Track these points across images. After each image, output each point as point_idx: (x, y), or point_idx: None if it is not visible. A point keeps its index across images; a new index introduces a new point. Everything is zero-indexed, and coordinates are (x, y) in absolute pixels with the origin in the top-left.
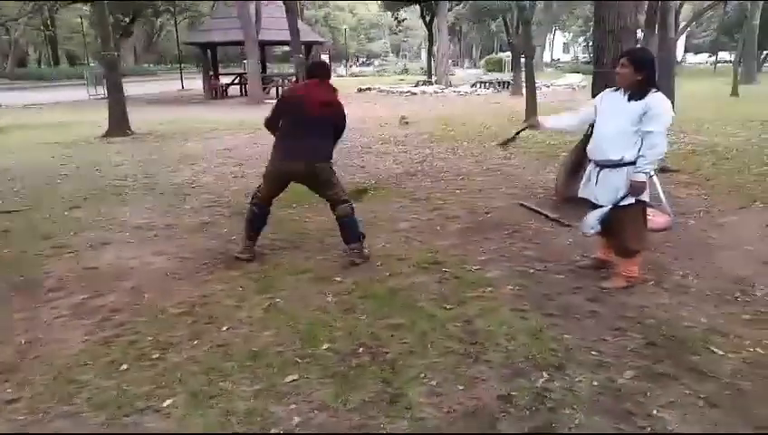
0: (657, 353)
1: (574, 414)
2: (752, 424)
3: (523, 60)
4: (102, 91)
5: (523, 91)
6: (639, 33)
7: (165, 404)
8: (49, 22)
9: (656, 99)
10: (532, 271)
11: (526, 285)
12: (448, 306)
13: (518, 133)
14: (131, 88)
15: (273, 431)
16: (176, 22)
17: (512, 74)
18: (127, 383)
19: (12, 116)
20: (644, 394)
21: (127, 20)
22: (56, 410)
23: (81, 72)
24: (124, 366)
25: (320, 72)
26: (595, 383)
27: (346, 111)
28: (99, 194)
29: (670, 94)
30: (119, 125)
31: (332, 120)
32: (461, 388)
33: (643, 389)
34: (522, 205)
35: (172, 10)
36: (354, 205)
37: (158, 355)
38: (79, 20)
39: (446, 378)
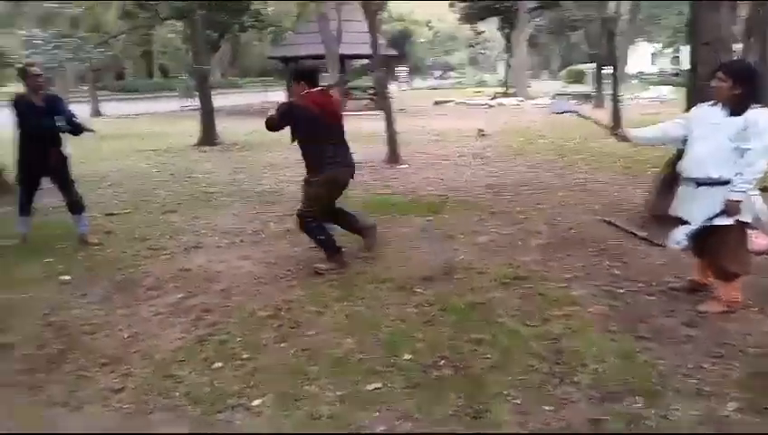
0: (763, 385)
1: None
2: None
3: (606, 72)
4: (193, 102)
5: (606, 104)
6: (738, 45)
7: (254, 403)
8: (145, 38)
9: (757, 114)
10: (621, 291)
11: (615, 305)
12: (532, 323)
13: (605, 127)
14: (218, 100)
15: None
16: (261, 37)
17: (594, 87)
18: (219, 381)
19: (111, 126)
20: (749, 427)
21: (216, 35)
22: (156, 402)
23: (173, 84)
24: (217, 364)
25: (316, 79)
26: (693, 413)
27: (423, 124)
28: (191, 200)
29: None
30: (208, 135)
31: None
32: (548, 408)
33: (749, 423)
34: (608, 222)
35: (258, 26)
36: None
37: (247, 356)
38: (173, 36)
39: (532, 397)
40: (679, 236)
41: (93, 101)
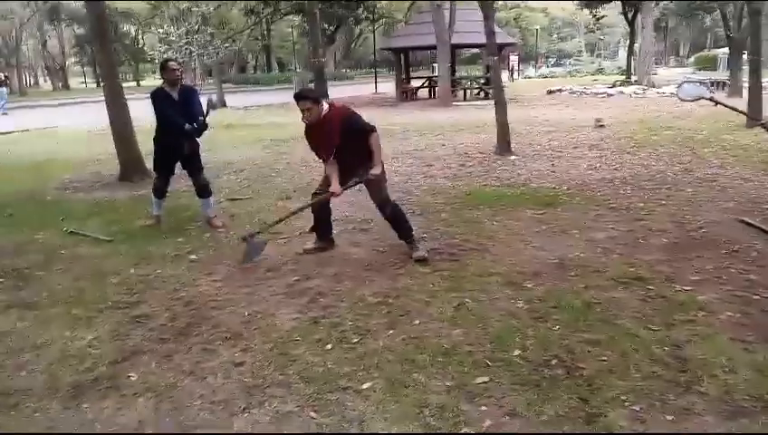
0: None
1: None
2: None
3: (745, 57)
4: None
5: (744, 92)
6: None
7: (364, 386)
8: (266, 32)
9: None
10: (756, 297)
11: (749, 312)
12: (653, 327)
13: (752, 119)
14: (331, 91)
15: (463, 431)
16: (374, 29)
17: (728, 73)
18: (331, 362)
19: (235, 116)
20: None
21: (332, 28)
22: (273, 377)
23: (289, 77)
24: (329, 346)
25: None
26: None
27: (535, 114)
28: (306, 187)
29: None
30: None
31: None
32: (669, 418)
33: None
34: (743, 221)
35: (371, 17)
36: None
37: (357, 339)
38: (290, 30)
39: (652, 404)
40: None
41: (219, 92)
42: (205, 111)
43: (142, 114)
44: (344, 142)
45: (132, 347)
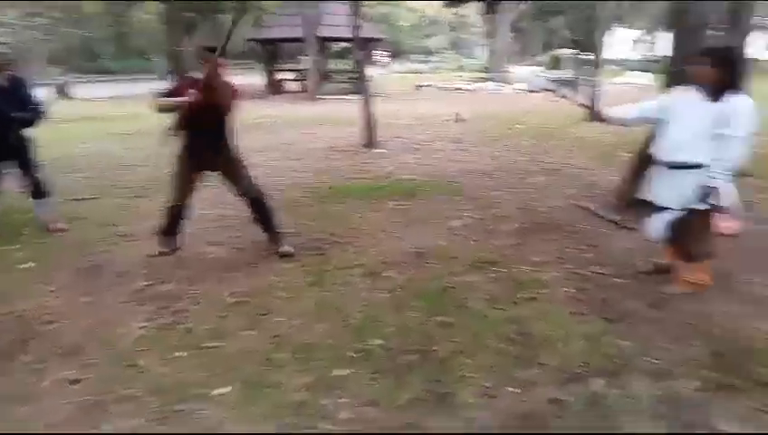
0: (721, 364)
1: (630, 422)
2: None
3: (585, 57)
4: (167, 84)
5: (586, 89)
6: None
7: (219, 392)
8: (120, 18)
9: (739, 101)
10: (590, 274)
11: (584, 288)
12: (502, 307)
13: (585, 107)
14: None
15: (321, 425)
16: (238, 19)
17: (573, 72)
18: (183, 370)
19: (82, 108)
20: (707, 406)
21: (194, 17)
22: (117, 393)
23: (147, 66)
24: (181, 353)
25: None
26: (654, 392)
27: (402, 108)
28: (161, 184)
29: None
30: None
31: None
32: (513, 390)
33: (706, 400)
34: (580, 206)
35: (237, 7)
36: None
37: (213, 344)
38: (147, 16)
39: (499, 379)
40: (659, 225)
41: (66, 82)
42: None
43: None
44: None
45: None
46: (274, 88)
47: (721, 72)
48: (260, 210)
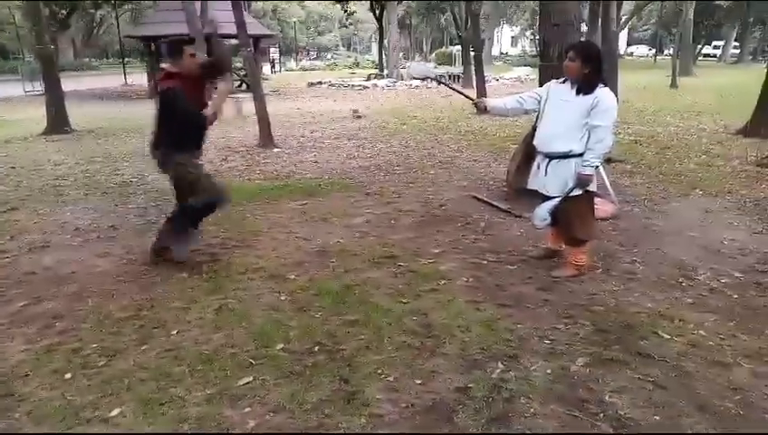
0: (606, 339)
1: (530, 403)
2: (695, 404)
3: (472, 53)
4: (39, 86)
5: (473, 84)
6: (584, 27)
7: (112, 413)
8: None
9: (604, 94)
10: (485, 262)
11: (480, 276)
12: (404, 300)
13: (467, 97)
14: (71, 83)
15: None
16: (116, 14)
17: (462, 68)
18: (71, 393)
19: None
20: (596, 380)
21: (64, 12)
22: None
23: (14, 66)
24: (68, 375)
25: None
26: (549, 372)
27: (298, 106)
28: (38, 195)
29: (613, 86)
30: (58, 122)
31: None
32: (418, 382)
33: (595, 375)
34: (474, 197)
35: (112, 2)
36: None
37: (103, 362)
38: (8, 11)
39: (404, 373)
40: (543, 213)
41: None
42: None
43: None
44: None
45: None
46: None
47: (588, 66)
48: (178, 213)
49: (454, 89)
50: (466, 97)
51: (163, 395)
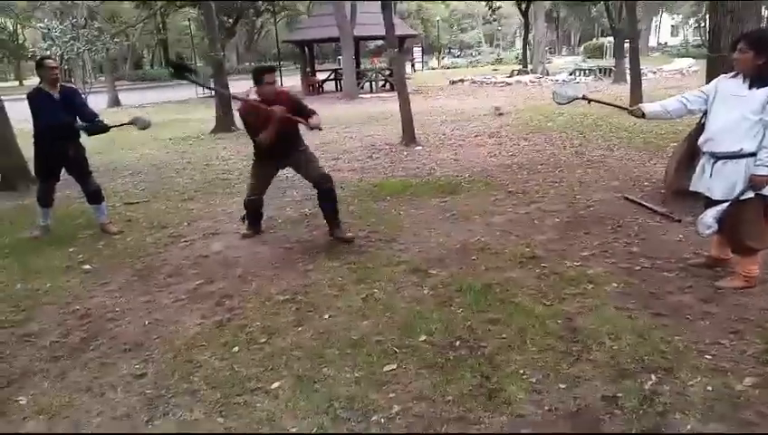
0: None
1: (686, 419)
2: None
3: (626, 45)
4: (208, 90)
5: (627, 78)
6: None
7: (273, 386)
8: (161, 26)
9: None
10: (638, 268)
11: (632, 282)
12: (547, 302)
13: (620, 108)
14: (234, 86)
15: (374, 418)
16: (275, 21)
17: (614, 61)
18: (238, 365)
19: (130, 115)
20: (763, 404)
21: (231, 21)
22: (177, 386)
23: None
24: (235, 349)
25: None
26: (709, 389)
27: (439, 104)
28: (208, 187)
29: None
30: (224, 122)
31: None
32: (563, 386)
33: (766, 398)
34: (626, 198)
35: (272, 9)
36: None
37: (264, 339)
38: (187, 23)
39: (547, 375)
40: (709, 220)
41: (111, 91)
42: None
43: (28, 115)
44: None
45: (21, 369)
46: (311, 89)
47: (761, 57)
48: (332, 193)
49: (605, 103)
50: (620, 108)
51: (316, 374)
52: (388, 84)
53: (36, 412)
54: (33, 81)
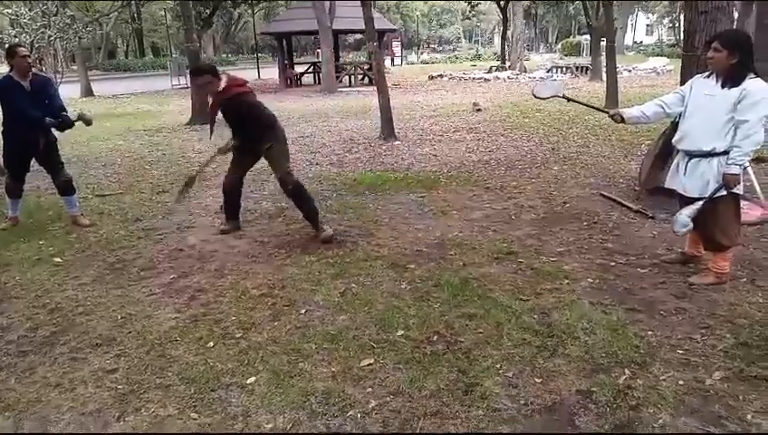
0: (749, 355)
1: (658, 414)
2: None
3: (602, 43)
4: (184, 80)
5: (603, 75)
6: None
7: (248, 381)
8: (136, 15)
9: (753, 85)
10: (612, 264)
11: (606, 278)
12: (524, 298)
13: (600, 110)
14: None
15: (350, 413)
16: (253, 12)
17: (590, 59)
18: (213, 360)
19: (103, 105)
20: (736, 397)
21: (207, 11)
22: (150, 382)
23: (164, 62)
24: (210, 343)
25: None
26: (681, 383)
27: (418, 99)
28: (184, 179)
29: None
30: (200, 113)
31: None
32: (538, 381)
33: (735, 392)
34: (602, 195)
35: (250, 1)
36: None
37: (241, 334)
38: (162, 13)
39: (523, 370)
40: (684, 219)
41: (84, 80)
42: (74, 119)
43: None
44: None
45: None
46: (290, 81)
47: (736, 57)
48: (296, 194)
49: (585, 104)
50: (599, 110)
51: (293, 368)
52: (367, 78)
53: (2, 408)
54: (2, 69)
